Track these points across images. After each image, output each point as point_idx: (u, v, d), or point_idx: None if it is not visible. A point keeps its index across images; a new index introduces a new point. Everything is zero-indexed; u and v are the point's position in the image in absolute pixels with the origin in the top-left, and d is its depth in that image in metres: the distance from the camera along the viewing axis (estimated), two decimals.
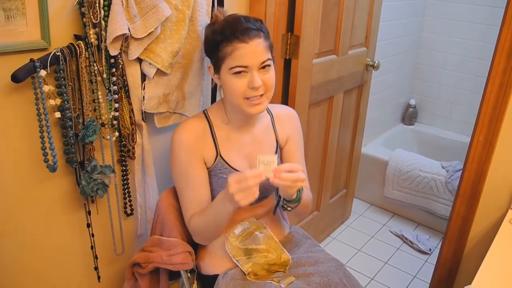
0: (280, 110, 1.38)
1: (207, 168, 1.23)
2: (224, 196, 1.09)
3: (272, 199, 1.34)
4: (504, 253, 1.20)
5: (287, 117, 1.36)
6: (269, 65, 1.14)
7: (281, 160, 1.36)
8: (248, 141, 1.27)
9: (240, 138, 1.26)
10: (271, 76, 1.15)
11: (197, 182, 1.21)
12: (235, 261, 1.21)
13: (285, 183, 1.06)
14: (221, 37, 1.11)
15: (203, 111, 1.27)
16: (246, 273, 1.20)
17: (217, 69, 1.16)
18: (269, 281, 1.18)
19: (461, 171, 1.78)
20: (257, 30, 1.11)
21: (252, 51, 1.09)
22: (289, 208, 1.22)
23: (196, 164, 1.20)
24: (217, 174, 1.23)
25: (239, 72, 1.11)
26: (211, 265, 1.28)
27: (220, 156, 1.22)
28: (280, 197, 1.20)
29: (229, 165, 1.23)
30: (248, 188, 1.00)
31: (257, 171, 1.03)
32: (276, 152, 1.31)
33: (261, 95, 1.14)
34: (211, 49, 1.17)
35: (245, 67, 1.10)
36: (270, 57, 1.14)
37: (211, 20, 1.30)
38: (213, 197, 1.24)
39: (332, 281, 1.19)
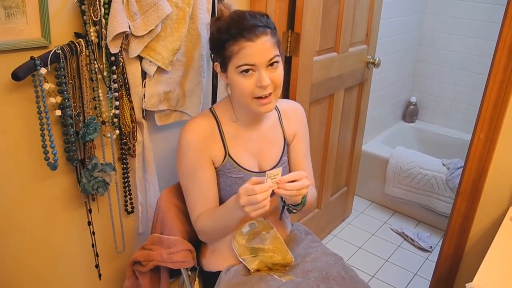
0: (287, 105, 1.36)
1: (215, 168, 1.22)
2: (235, 205, 1.07)
3: (277, 198, 1.34)
4: (505, 250, 1.20)
5: (293, 112, 1.35)
6: (277, 62, 1.10)
7: (288, 156, 1.34)
8: (256, 138, 1.26)
9: (248, 135, 1.24)
10: (279, 73, 1.12)
11: (204, 182, 1.19)
12: (241, 259, 1.21)
13: (289, 193, 1.05)
14: (226, 35, 1.08)
15: (210, 108, 1.25)
16: (252, 270, 1.20)
17: (224, 67, 1.13)
18: (270, 274, 1.19)
19: (462, 168, 1.78)
20: (263, 27, 1.08)
21: (259, 50, 1.06)
22: (294, 211, 1.21)
23: (204, 164, 1.19)
24: (226, 173, 1.21)
25: (247, 71, 1.08)
26: (215, 262, 1.28)
27: (229, 155, 1.21)
28: (285, 202, 1.19)
29: (238, 164, 1.21)
30: (257, 201, 1.00)
31: (265, 186, 1.01)
32: (283, 149, 1.30)
33: (270, 94, 1.11)
34: (217, 47, 1.13)
35: (253, 65, 1.07)
36: (278, 53, 1.11)
37: (216, 15, 1.26)
38: (220, 197, 1.24)
39: (330, 274, 1.19)
